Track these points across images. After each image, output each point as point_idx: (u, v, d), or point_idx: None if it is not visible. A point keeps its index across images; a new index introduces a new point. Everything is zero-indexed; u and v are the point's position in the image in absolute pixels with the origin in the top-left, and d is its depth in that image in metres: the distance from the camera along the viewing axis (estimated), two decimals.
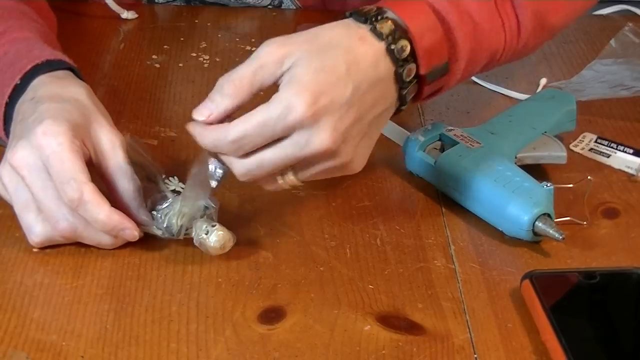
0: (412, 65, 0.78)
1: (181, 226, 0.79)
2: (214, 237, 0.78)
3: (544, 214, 0.82)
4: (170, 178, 0.84)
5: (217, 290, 0.77)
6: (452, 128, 0.91)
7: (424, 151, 0.90)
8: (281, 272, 0.79)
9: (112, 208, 0.77)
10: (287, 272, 0.79)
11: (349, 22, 0.78)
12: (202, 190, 0.79)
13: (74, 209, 0.76)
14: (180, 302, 0.76)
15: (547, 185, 0.83)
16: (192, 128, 0.76)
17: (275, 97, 0.73)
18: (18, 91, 0.82)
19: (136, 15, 1.17)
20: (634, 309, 0.77)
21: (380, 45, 0.77)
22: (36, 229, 0.78)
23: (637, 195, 0.91)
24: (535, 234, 0.82)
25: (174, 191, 0.83)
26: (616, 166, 0.94)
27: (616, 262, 0.82)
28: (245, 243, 0.81)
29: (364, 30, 0.77)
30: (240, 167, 0.76)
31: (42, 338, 0.72)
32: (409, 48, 0.77)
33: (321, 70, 0.74)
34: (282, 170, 0.77)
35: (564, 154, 0.90)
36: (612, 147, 0.96)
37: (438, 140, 0.91)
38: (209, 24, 1.17)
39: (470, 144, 0.89)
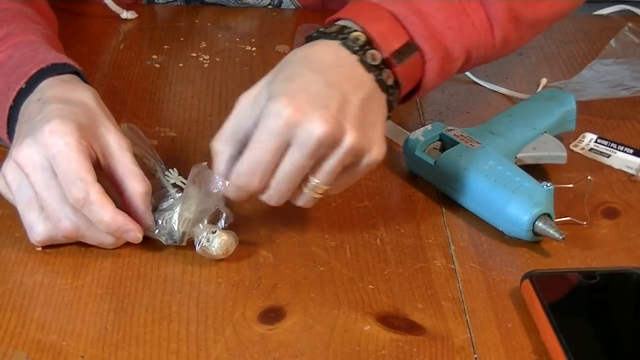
0: (374, 51, 0.79)
1: (184, 233, 0.79)
2: (216, 244, 0.78)
3: (544, 214, 0.82)
4: (170, 170, 0.85)
5: (217, 290, 0.77)
6: (452, 128, 0.91)
7: (424, 151, 0.90)
8: (281, 272, 0.80)
9: (117, 209, 0.77)
10: (287, 272, 0.79)
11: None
12: (204, 194, 0.80)
13: (79, 209, 0.76)
14: (180, 302, 0.76)
15: (547, 185, 0.83)
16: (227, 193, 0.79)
17: (260, 117, 0.76)
18: (22, 95, 0.82)
19: (136, 15, 1.17)
20: (634, 309, 0.77)
21: (334, 42, 0.79)
22: (38, 228, 0.78)
23: (637, 195, 0.91)
24: (535, 234, 0.82)
25: (174, 185, 0.83)
26: (616, 166, 0.94)
27: (616, 262, 0.82)
28: (245, 243, 0.81)
29: (314, 41, 0.80)
30: (270, 195, 0.78)
31: (42, 338, 0.72)
32: (363, 37, 0.79)
33: (286, 79, 0.77)
34: (304, 180, 0.78)
35: (564, 154, 0.90)
36: (612, 147, 0.96)
37: (438, 140, 0.91)
38: (208, 24, 1.17)
39: (470, 144, 0.89)
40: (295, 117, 0.74)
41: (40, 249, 0.80)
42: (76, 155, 0.76)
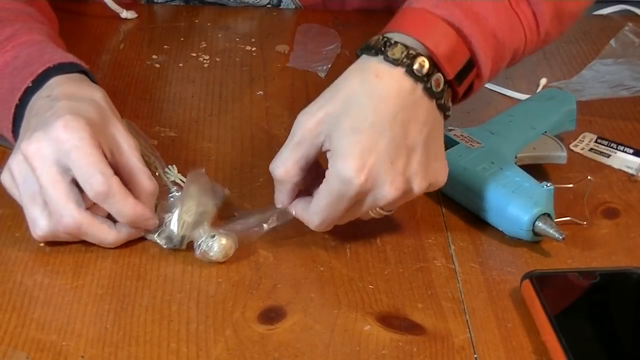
0: (438, 76, 0.78)
1: (183, 236, 0.79)
2: (216, 248, 0.78)
3: (544, 214, 0.82)
4: (169, 167, 0.85)
5: (217, 290, 0.77)
6: (452, 128, 0.91)
7: None
8: (281, 272, 0.80)
9: (135, 200, 0.78)
10: (287, 272, 0.79)
11: (362, 62, 0.79)
12: (202, 197, 0.80)
13: (100, 203, 0.77)
14: (180, 302, 0.76)
15: (547, 185, 0.83)
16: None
17: (329, 174, 0.77)
18: (29, 94, 0.82)
19: (136, 15, 1.17)
20: (634, 309, 0.77)
21: (398, 71, 0.77)
22: (41, 223, 0.78)
23: (637, 195, 0.91)
24: (535, 234, 0.82)
25: (173, 183, 0.83)
26: (616, 166, 0.94)
27: (616, 262, 0.82)
28: (246, 243, 0.81)
29: (376, 64, 0.77)
30: (340, 223, 0.80)
31: (42, 338, 0.72)
32: (427, 62, 0.77)
33: (355, 130, 0.76)
34: None
35: (564, 154, 0.90)
36: (612, 147, 0.96)
37: None
38: (208, 23, 1.17)
39: (470, 144, 0.89)
40: (366, 185, 0.76)
41: (43, 244, 0.80)
42: (92, 149, 0.76)
